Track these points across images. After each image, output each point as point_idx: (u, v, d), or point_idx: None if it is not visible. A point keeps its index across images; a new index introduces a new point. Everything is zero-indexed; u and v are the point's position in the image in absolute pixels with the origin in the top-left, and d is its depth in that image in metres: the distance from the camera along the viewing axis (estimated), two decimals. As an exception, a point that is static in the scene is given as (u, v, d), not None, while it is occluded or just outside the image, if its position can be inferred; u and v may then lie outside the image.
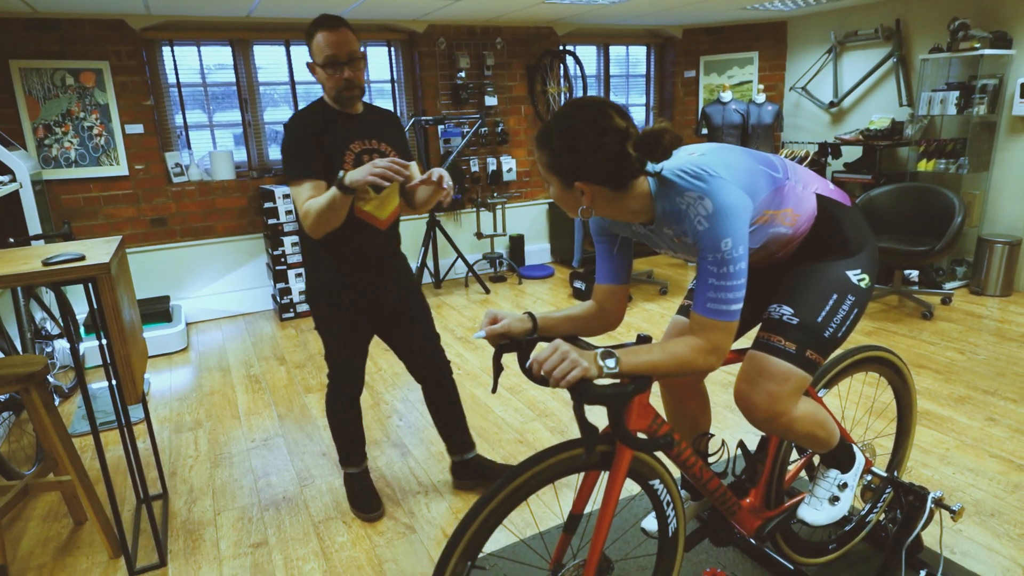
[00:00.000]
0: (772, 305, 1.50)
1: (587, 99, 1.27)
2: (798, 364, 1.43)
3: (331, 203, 1.89)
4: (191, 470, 2.71)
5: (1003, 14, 4.39)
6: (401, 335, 2.28)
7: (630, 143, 1.22)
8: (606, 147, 1.22)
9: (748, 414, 1.47)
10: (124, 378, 1.87)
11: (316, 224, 1.94)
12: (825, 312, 1.45)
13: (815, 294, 1.47)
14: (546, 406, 3.13)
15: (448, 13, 4.68)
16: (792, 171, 1.47)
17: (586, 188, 1.27)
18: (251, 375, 3.72)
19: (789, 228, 1.46)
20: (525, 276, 5.57)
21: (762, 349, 1.46)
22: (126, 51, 4.27)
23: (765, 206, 1.39)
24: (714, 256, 1.26)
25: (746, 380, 1.46)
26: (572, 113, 1.25)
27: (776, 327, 1.46)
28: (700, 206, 1.27)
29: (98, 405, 3.32)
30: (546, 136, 1.27)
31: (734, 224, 1.25)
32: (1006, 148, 4.55)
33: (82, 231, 4.34)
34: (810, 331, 1.44)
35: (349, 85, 1.99)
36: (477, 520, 1.28)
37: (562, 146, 1.24)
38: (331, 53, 1.94)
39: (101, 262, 1.77)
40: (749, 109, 5.63)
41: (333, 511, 2.38)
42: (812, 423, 1.52)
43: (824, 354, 1.46)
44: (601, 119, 1.22)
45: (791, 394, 1.44)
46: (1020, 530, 2.10)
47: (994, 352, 3.55)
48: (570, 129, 1.23)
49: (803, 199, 1.46)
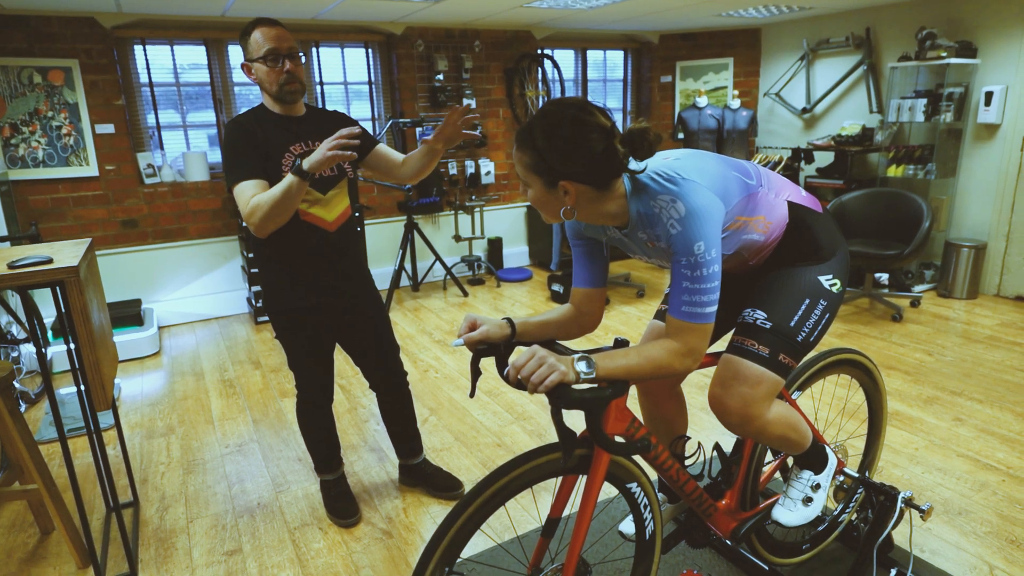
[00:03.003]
0: (746, 309, 1.52)
1: (569, 98, 1.26)
2: (771, 368, 1.45)
3: (286, 192, 1.83)
4: (163, 477, 2.66)
5: (968, 24, 4.52)
6: (358, 343, 2.26)
7: (616, 140, 1.23)
8: (592, 143, 1.22)
9: (722, 417, 1.49)
10: (93, 383, 1.83)
11: (266, 218, 1.87)
12: (798, 317, 1.47)
13: (788, 299, 1.49)
14: (524, 409, 3.13)
15: (426, 15, 4.67)
16: (765, 179, 1.49)
17: (571, 188, 1.26)
18: (225, 379, 3.67)
19: (761, 235, 1.48)
20: (503, 279, 5.57)
21: (736, 353, 1.48)
22: (96, 49, 4.18)
23: (738, 212, 1.40)
24: (687, 259, 1.27)
25: (720, 383, 1.48)
26: (556, 112, 1.24)
27: (750, 331, 1.48)
28: (673, 209, 1.28)
29: (66, 411, 3.24)
30: (528, 135, 1.25)
31: (706, 228, 1.26)
32: (971, 155, 4.67)
33: (50, 233, 4.24)
34: (783, 335, 1.46)
35: (291, 78, 1.97)
36: (455, 525, 1.27)
37: (547, 144, 1.23)
38: (272, 47, 1.93)
39: (69, 265, 1.73)
40: (724, 114, 5.71)
41: (309, 517, 2.35)
42: (785, 426, 1.54)
43: (797, 358, 1.48)
44: (585, 116, 1.22)
45: (764, 397, 1.46)
46: (986, 528, 2.15)
47: (960, 354, 3.64)
48: (555, 127, 1.23)
49: (775, 207, 1.49)
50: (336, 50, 5.12)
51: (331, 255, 2.10)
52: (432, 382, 3.51)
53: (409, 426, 2.43)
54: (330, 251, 2.09)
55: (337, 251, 2.11)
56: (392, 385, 2.34)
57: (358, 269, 2.22)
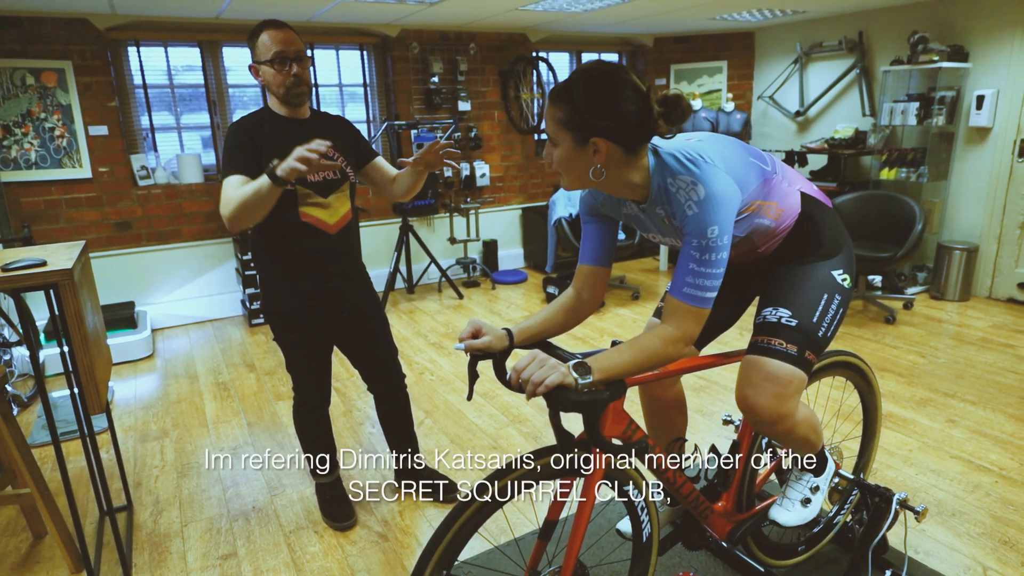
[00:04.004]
0: (766, 309, 1.51)
1: (605, 62, 1.28)
2: (799, 365, 1.45)
3: (256, 192, 1.78)
4: (157, 480, 2.64)
5: (960, 29, 4.55)
6: (357, 344, 2.25)
7: (652, 101, 1.25)
8: (629, 102, 1.23)
9: (753, 417, 1.47)
10: (87, 387, 1.81)
11: (236, 212, 1.81)
12: (819, 312, 1.48)
13: (808, 295, 1.49)
14: (520, 412, 3.13)
15: (421, 18, 4.67)
16: (780, 167, 1.51)
17: (603, 145, 1.26)
18: (219, 382, 3.65)
19: (773, 221, 1.49)
20: (498, 281, 5.57)
21: (763, 353, 1.46)
22: (90, 51, 4.16)
23: (754, 197, 1.41)
24: (699, 242, 1.28)
25: (750, 384, 1.46)
26: (595, 68, 1.26)
27: (775, 330, 1.47)
28: (693, 191, 1.29)
29: (59, 414, 3.22)
30: (566, 90, 1.26)
31: (722, 213, 1.27)
32: (963, 158, 4.70)
33: (42, 235, 4.21)
34: (807, 332, 1.46)
35: (298, 81, 1.97)
36: (452, 529, 1.27)
37: (584, 98, 1.23)
38: (280, 50, 1.94)
39: (63, 268, 1.72)
40: (718, 117, 5.73)
41: (304, 521, 2.34)
42: (810, 426, 1.56)
43: (819, 354, 1.49)
44: (624, 75, 1.24)
45: (794, 395, 1.46)
46: (980, 529, 2.16)
47: (953, 356, 3.66)
48: (593, 81, 1.24)
49: (788, 195, 1.49)
50: (331, 52, 5.12)
51: (331, 257, 2.10)
52: (428, 385, 3.50)
53: (407, 429, 2.43)
54: (330, 253, 2.10)
55: (337, 253, 2.12)
56: (391, 387, 2.34)
57: (357, 270, 2.22)
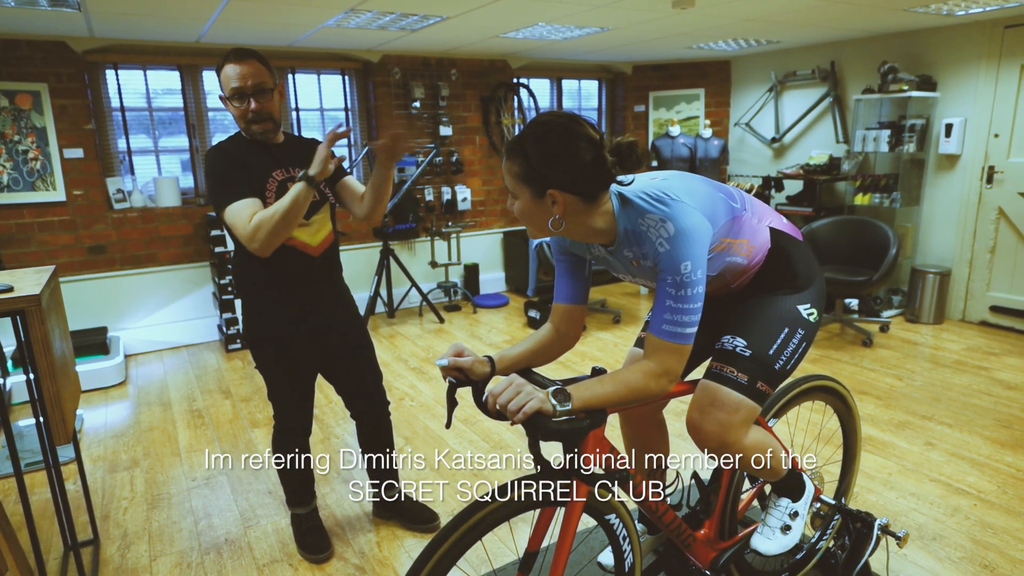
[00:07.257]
0: (725, 336, 1.52)
1: (559, 111, 1.29)
2: (749, 395, 1.45)
3: (294, 201, 1.83)
4: (126, 512, 2.56)
5: (928, 59, 4.69)
6: (343, 370, 2.22)
7: (605, 151, 1.25)
8: (582, 153, 1.23)
9: (699, 442, 1.49)
10: (53, 416, 1.76)
11: (272, 234, 1.85)
12: (776, 345, 1.49)
13: (767, 327, 1.50)
14: (501, 438, 3.09)
15: (403, 44, 4.70)
16: (749, 203, 1.52)
17: (559, 196, 1.27)
18: (193, 409, 3.57)
19: (744, 258, 1.50)
20: (480, 305, 5.56)
21: (715, 379, 1.48)
22: (67, 73, 4.12)
23: (723, 234, 1.42)
24: (673, 278, 1.28)
25: (698, 409, 1.48)
26: (547, 122, 1.27)
27: (729, 358, 1.48)
28: (662, 228, 1.29)
29: (24, 444, 3.11)
30: (519, 145, 1.27)
31: (694, 248, 1.28)
32: (935, 184, 4.82)
33: (13, 259, 4.12)
34: (762, 363, 1.47)
35: (257, 117, 1.94)
36: (431, 560, 1.24)
37: (537, 152, 1.25)
38: (237, 85, 1.91)
39: (31, 294, 1.68)
40: (696, 143, 5.82)
41: (279, 553, 2.27)
42: (762, 452, 1.55)
43: (773, 385, 1.49)
44: (575, 126, 1.25)
45: (742, 423, 1.46)
46: (961, 553, 2.16)
47: (929, 378, 3.70)
48: (545, 135, 1.25)
49: (758, 231, 1.51)
50: (313, 77, 5.13)
51: (315, 280, 2.08)
52: (407, 411, 3.46)
53: (387, 457, 2.37)
54: (314, 276, 2.07)
55: (321, 276, 2.09)
56: (375, 415, 2.30)
57: (341, 294, 2.20)
